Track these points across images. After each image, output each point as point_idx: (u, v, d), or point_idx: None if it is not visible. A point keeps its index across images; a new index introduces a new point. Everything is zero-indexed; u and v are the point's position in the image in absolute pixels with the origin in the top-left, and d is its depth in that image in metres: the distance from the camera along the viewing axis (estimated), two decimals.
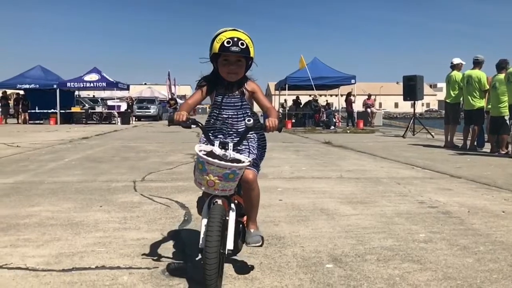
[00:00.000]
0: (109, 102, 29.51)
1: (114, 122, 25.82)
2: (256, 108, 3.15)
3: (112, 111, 26.95)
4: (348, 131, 18.90)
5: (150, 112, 33.42)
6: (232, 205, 2.43)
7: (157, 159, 8.25)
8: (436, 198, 4.77)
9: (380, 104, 67.74)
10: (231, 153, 2.41)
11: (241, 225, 2.61)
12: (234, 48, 2.46)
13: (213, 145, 2.46)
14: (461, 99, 10.80)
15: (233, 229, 2.33)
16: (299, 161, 8.06)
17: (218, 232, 2.18)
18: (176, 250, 3.07)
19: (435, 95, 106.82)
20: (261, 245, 2.62)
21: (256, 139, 2.73)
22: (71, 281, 2.50)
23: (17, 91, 27.92)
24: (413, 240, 3.30)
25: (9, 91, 27.91)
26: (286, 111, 24.61)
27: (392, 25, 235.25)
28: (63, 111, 25.32)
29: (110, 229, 3.56)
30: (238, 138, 2.58)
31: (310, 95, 24.71)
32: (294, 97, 26.81)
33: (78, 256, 2.90)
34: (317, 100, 23.86)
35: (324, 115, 22.65)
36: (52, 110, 25.00)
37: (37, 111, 25.70)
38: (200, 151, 2.36)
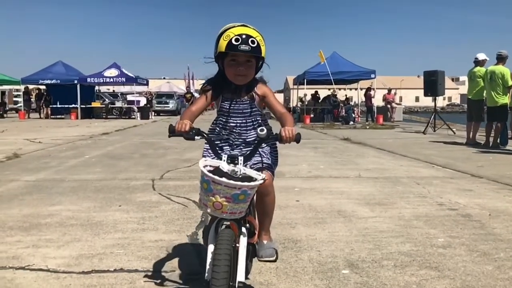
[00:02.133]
0: (129, 97, 29.85)
1: (133, 117, 26.13)
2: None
3: (131, 106, 27.28)
4: (368, 127, 18.72)
5: (169, 107, 33.70)
6: (243, 229, 2.12)
7: (175, 156, 8.31)
8: (456, 200, 4.69)
9: (401, 98, 66.86)
10: (241, 169, 2.07)
11: (251, 247, 2.32)
12: (243, 47, 2.17)
13: (220, 159, 2.12)
14: (484, 95, 10.58)
15: (244, 258, 2.02)
16: (317, 159, 8.02)
17: (227, 261, 1.87)
18: (192, 252, 3.10)
19: (457, 88, 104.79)
20: (275, 260, 2.39)
21: (268, 148, 2.43)
22: (90, 284, 2.55)
23: (39, 86, 28.41)
24: (431, 245, 3.26)
25: (30, 87, 28.43)
26: (305, 106, 24.50)
27: (414, 17, 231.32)
28: (83, 106, 25.73)
29: (128, 230, 3.61)
30: (247, 149, 2.30)
31: (329, 89, 24.51)
32: (313, 92, 26.66)
33: (97, 258, 2.96)
34: (336, 95, 23.67)
35: (343, 110, 22.48)
36: (73, 105, 25.41)
37: (58, 106, 26.17)
38: (205, 166, 2.05)
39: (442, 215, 4.10)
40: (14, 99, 35.75)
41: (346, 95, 25.22)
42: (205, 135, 2.21)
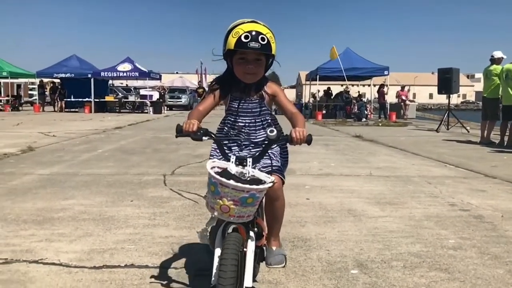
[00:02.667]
0: (142, 91, 30.03)
1: (146, 111, 26.29)
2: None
3: (144, 100, 27.46)
4: (380, 124, 18.60)
5: (181, 101, 33.84)
6: (251, 233, 2.06)
7: (187, 151, 8.35)
8: (468, 201, 4.65)
9: (414, 95, 66.32)
10: (249, 171, 2.01)
11: (259, 250, 2.26)
12: (253, 44, 2.10)
13: (228, 160, 2.06)
14: (500, 93, 10.44)
15: (252, 263, 1.95)
16: (328, 157, 8.00)
17: (234, 267, 1.80)
18: (202, 249, 3.12)
19: (473, 86, 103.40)
20: (283, 266, 2.34)
21: (278, 148, 2.38)
22: (102, 279, 2.58)
23: (53, 79, 28.73)
24: (441, 246, 3.24)
25: (45, 80, 28.77)
26: (317, 102, 24.40)
27: (429, 13, 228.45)
28: (97, 99, 25.96)
29: (140, 226, 3.65)
30: (256, 150, 2.25)
31: (342, 85, 24.38)
32: (325, 88, 26.54)
33: (108, 253, 3.00)
34: (348, 91, 23.53)
35: (356, 107, 22.37)
36: (87, 99, 25.65)
37: (72, 99, 26.45)
38: (213, 168, 1.97)
39: (453, 215, 4.07)
40: (29, 92, 36.25)
41: (359, 92, 25.03)
42: (213, 136, 2.14)
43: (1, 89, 29.46)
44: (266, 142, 2.15)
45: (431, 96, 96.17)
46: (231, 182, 1.84)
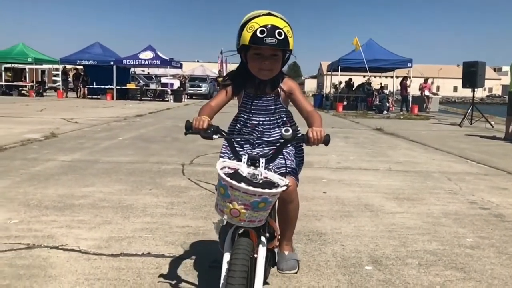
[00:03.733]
0: (163, 80, 30.24)
1: (167, 99, 26.52)
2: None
3: (165, 88, 27.66)
4: (402, 117, 18.36)
5: (201, 90, 33.98)
6: (263, 238, 1.95)
7: (206, 141, 8.35)
8: (489, 199, 4.57)
9: (438, 88, 65.05)
10: (262, 172, 1.88)
11: (270, 253, 2.16)
12: (269, 40, 1.97)
13: (239, 160, 1.93)
14: None
15: (263, 270, 1.83)
16: (347, 150, 7.95)
17: (243, 273, 1.68)
18: (217, 240, 3.16)
19: (499, 79, 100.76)
20: (296, 272, 2.28)
21: (292, 147, 2.28)
22: (119, 267, 2.64)
23: (76, 66, 29.16)
24: (459, 245, 3.20)
25: (68, 66, 29.23)
26: (338, 93, 24.18)
27: (455, 3, 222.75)
28: (119, 87, 26.26)
29: (157, 215, 3.71)
30: (269, 149, 2.15)
31: (364, 76, 24.07)
32: (347, 79, 26.26)
33: (126, 241, 3.06)
34: (370, 83, 23.23)
35: (377, 99, 22.09)
36: (109, 86, 25.98)
37: (95, 86, 26.82)
38: (223, 168, 1.86)
39: (472, 213, 4.01)
40: (53, 78, 36.87)
41: (381, 84, 24.66)
42: (224, 134, 2.02)
43: (26, 75, 30.02)
44: (280, 140, 2.04)
45: (455, 89, 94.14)
46: (242, 185, 1.72)
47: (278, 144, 2.06)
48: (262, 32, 1.97)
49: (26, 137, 7.99)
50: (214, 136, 1.96)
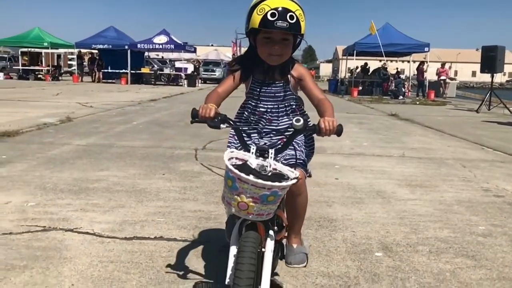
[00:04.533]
0: (177, 64, 30.28)
1: (181, 84, 26.58)
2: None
3: (179, 73, 27.70)
4: (418, 102, 18.15)
5: (215, 74, 33.95)
6: (271, 232, 1.88)
7: None
8: (504, 186, 4.52)
9: (456, 73, 63.86)
10: (271, 164, 1.80)
11: (277, 245, 2.08)
12: (280, 23, 1.87)
13: (248, 150, 1.85)
14: None
15: (270, 265, 1.78)
16: (361, 135, 7.91)
17: (251, 267, 1.63)
18: None
19: None
20: (305, 266, 2.22)
21: (302, 136, 2.17)
22: (132, 250, 2.70)
23: (92, 50, 29.34)
24: (470, 232, 3.18)
25: (83, 51, 29.43)
26: (353, 78, 23.93)
27: None
28: (133, 71, 26.38)
29: (170, 199, 3.76)
30: (277, 138, 2.09)
31: (380, 61, 23.75)
32: (363, 64, 25.95)
33: (139, 225, 3.11)
34: (386, 68, 22.93)
35: (393, 84, 21.83)
36: (123, 70, 26.12)
37: (109, 70, 26.99)
38: (230, 159, 1.80)
39: (486, 201, 3.98)
40: (69, 62, 37.17)
41: (397, 68, 24.32)
42: (231, 123, 1.94)
43: (42, 59, 30.33)
44: (289, 129, 1.97)
45: (474, 74, 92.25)
46: (251, 177, 1.65)
47: (288, 135, 1.98)
48: (273, 15, 1.87)
49: (42, 121, 8.11)
50: (222, 126, 1.88)
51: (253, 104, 2.14)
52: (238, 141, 2.00)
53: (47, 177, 4.30)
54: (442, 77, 23.15)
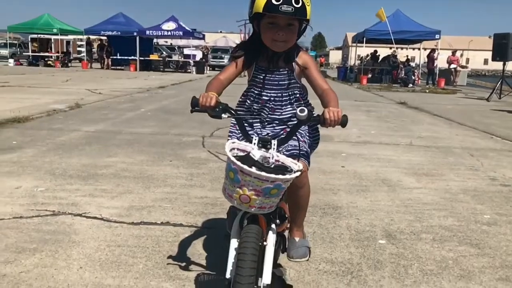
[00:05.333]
0: (185, 51, 30.24)
1: (189, 70, 26.55)
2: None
3: (188, 60, 27.67)
4: (427, 91, 17.99)
5: (223, 62, 33.76)
6: (272, 225, 1.85)
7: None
8: (511, 175, 4.50)
9: (468, 60, 62.98)
10: (274, 155, 1.76)
11: (279, 237, 2.04)
12: (285, 8, 1.80)
13: (250, 141, 1.79)
14: None
15: (272, 258, 1.73)
16: (368, 124, 7.88)
17: (253, 263, 1.61)
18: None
19: None
20: (307, 260, 2.16)
21: (306, 126, 2.10)
22: (139, 234, 2.75)
23: (101, 37, 29.37)
24: (475, 221, 3.19)
25: (92, 37, 29.47)
26: (363, 65, 23.74)
27: None
28: (142, 58, 26.39)
29: (177, 185, 3.80)
30: (280, 128, 2.04)
31: (390, 48, 23.50)
32: (372, 51, 25.71)
33: (146, 210, 3.17)
34: (396, 55, 22.71)
35: (403, 71, 21.62)
36: (132, 57, 26.14)
37: (118, 57, 27.02)
38: (232, 150, 1.74)
39: (492, 190, 3.97)
40: (78, 48, 37.26)
41: (407, 56, 24.06)
42: (233, 113, 1.87)
43: (52, 45, 30.44)
44: (292, 119, 1.94)
45: (486, 62, 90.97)
46: (254, 170, 1.60)
47: (291, 125, 1.92)
48: None
49: (52, 107, 8.19)
50: (223, 115, 1.81)
51: (256, 92, 2.07)
52: (239, 131, 1.94)
53: (57, 162, 4.37)
54: (453, 65, 22.88)
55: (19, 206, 3.15)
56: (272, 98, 2.05)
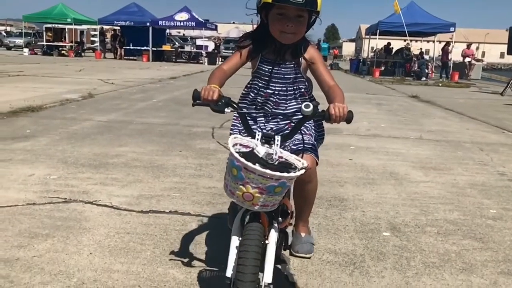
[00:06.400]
0: (198, 42, 30.26)
1: (201, 61, 26.62)
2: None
3: (200, 50, 27.70)
4: (440, 84, 17.82)
5: None
6: (275, 223, 1.79)
7: None
8: None
9: (483, 54, 62.07)
10: (277, 151, 1.71)
11: (281, 234, 2.00)
12: None
13: (253, 137, 1.74)
14: None
15: (273, 256, 1.68)
16: (379, 117, 7.87)
17: (255, 262, 1.57)
18: None
19: None
20: (311, 256, 2.15)
21: (311, 121, 2.05)
22: (147, 222, 2.82)
23: (114, 27, 29.51)
24: (481, 215, 3.21)
25: (105, 27, 29.62)
26: (375, 58, 23.55)
27: None
28: (155, 48, 26.48)
29: (186, 175, 3.87)
30: (284, 123, 1.99)
31: (405, 40, 23.26)
32: (386, 43, 25.48)
33: (155, 199, 3.23)
34: (409, 48, 22.48)
35: (416, 65, 21.42)
36: (145, 47, 26.26)
37: (131, 47, 27.16)
38: (235, 145, 1.70)
39: (500, 185, 3.97)
40: (92, 38, 37.51)
41: (421, 49, 23.80)
42: (236, 107, 1.81)
43: (66, 35, 30.69)
44: (297, 114, 1.90)
45: (502, 55, 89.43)
46: (258, 167, 1.55)
47: (295, 120, 1.89)
48: None
49: (65, 97, 8.31)
50: (226, 110, 1.77)
51: (260, 84, 2.02)
52: (242, 127, 1.90)
53: (69, 151, 4.46)
54: (468, 59, 22.58)
55: (32, 193, 3.24)
56: (276, 92, 2.01)
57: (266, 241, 1.71)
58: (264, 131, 1.90)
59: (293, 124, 1.90)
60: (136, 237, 2.59)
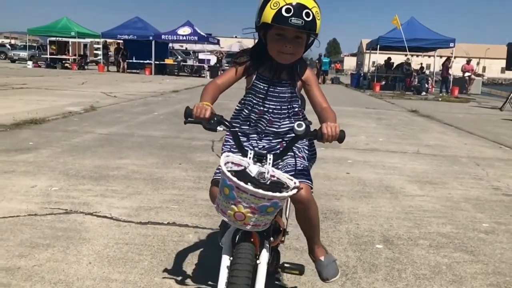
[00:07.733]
0: (200, 55, 30.55)
1: (203, 75, 26.84)
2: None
3: (202, 64, 27.96)
4: (440, 99, 17.93)
5: None
6: (266, 243, 1.77)
7: None
8: None
9: (484, 69, 62.33)
10: (269, 170, 1.70)
11: (273, 252, 1.98)
12: (295, 21, 1.75)
13: (245, 155, 1.73)
14: None
15: (264, 277, 1.66)
16: (377, 131, 7.95)
17: (247, 282, 1.56)
18: None
19: None
20: (339, 276, 2.11)
21: (304, 140, 2.01)
22: (146, 233, 2.89)
23: (117, 41, 29.84)
24: (473, 229, 3.26)
25: (109, 41, 29.96)
26: (376, 73, 23.73)
27: None
28: (157, 62, 26.75)
29: (185, 188, 3.94)
30: (276, 141, 1.98)
31: (405, 55, 23.47)
32: (386, 58, 25.69)
33: (154, 211, 3.30)
34: (410, 63, 22.67)
35: (416, 79, 21.59)
36: (148, 61, 26.53)
37: (134, 61, 27.43)
38: (227, 163, 1.68)
39: (494, 200, 4.03)
40: (95, 51, 37.91)
41: (421, 64, 24.00)
42: (228, 125, 1.80)
43: (69, 48, 31.04)
44: (289, 133, 1.91)
45: (503, 70, 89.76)
46: (250, 187, 1.54)
47: (288, 139, 1.91)
48: (288, 10, 1.75)
49: (67, 109, 8.42)
50: (218, 128, 1.76)
51: (255, 101, 2.00)
52: (233, 144, 1.90)
53: (70, 163, 4.54)
54: (467, 74, 22.75)
55: (34, 204, 3.32)
56: (271, 110, 1.99)
57: (258, 261, 1.69)
58: (256, 149, 1.91)
59: (285, 144, 1.93)
60: (134, 248, 2.66)
